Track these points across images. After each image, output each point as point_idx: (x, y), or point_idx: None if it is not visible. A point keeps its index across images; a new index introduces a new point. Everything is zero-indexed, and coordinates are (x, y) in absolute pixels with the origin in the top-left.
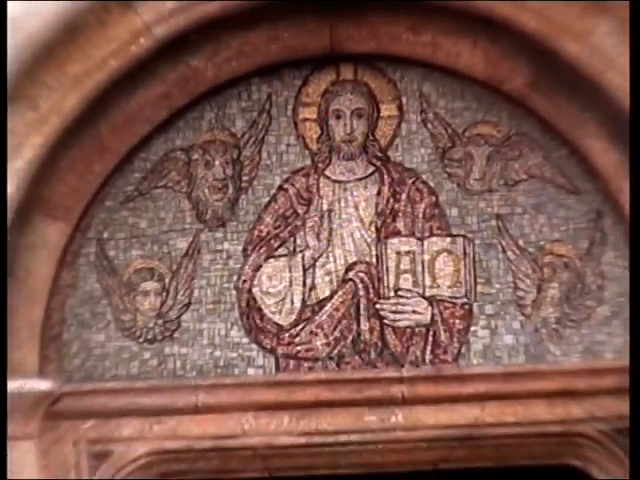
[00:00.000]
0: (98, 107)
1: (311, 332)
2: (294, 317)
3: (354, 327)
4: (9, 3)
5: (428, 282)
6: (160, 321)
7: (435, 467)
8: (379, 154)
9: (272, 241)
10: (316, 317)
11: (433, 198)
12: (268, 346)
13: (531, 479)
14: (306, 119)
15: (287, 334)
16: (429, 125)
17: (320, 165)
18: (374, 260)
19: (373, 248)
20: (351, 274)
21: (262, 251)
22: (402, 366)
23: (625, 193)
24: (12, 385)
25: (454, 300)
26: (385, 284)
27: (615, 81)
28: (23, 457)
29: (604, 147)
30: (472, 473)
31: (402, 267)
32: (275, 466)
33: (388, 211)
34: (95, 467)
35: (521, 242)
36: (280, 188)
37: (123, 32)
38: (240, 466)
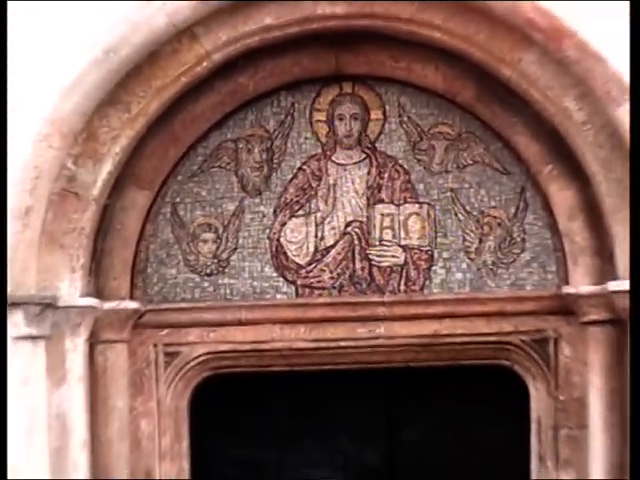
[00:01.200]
0: (172, 110)
1: (320, 269)
2: (309, 259)
3: (351, 266)
4: (106, 35)
5: (403, 235)
6: (215, 260)
7: (406, 364)
8: (369, 145)
9: (294, 206)
10: (324, 259)
11: (406, 176)
12: (290, 279)
13: (474, 375)
14: (318, 120)
15: (304, 270)
16: (404, 125)
17: (328, 153)
18: (365, 219)
19: (364, 211)
20: (349, 229)
21: (287, 212)
22: (384, 294)
23: (542, 174)
24: (109, 305)
25: (421, 248)
26: (373, 236)
27: (535, 96)
28: (117, 355)
29: (527, 142)
30: (433, 371)
31: (384, 224)
32: (294, 362)
33: (375, 185)
34: (168, 362)
35: (468, 208)
36: (300, 169)
37: (190, 57)
38: (270, 362)
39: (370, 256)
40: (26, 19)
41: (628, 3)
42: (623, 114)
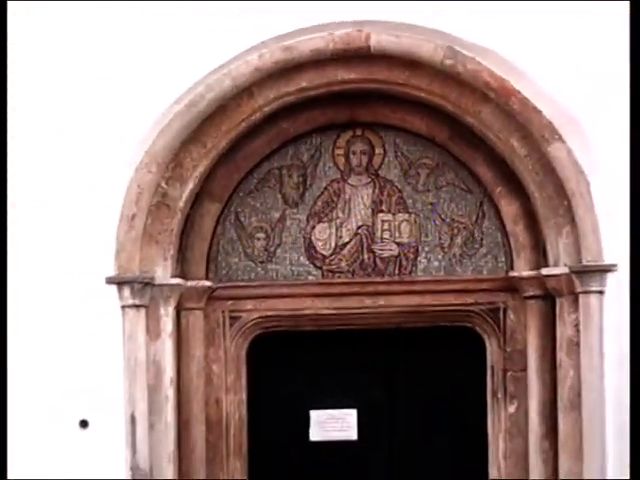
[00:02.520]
0: (235, 146)
1: (339, 259)
2: (331, 251)
3: (360, 257)
4: (188, 93)
5: (397, 235)
6: (265, 252)
7: (399, 326)
8: (373, 172)
9: (321, 214)
10: (342, 251)
11: (400, 194)
12: (318, 265)
13: (446, 334)
14: (338, 154)
15: (327, 260)
16: (398, 158)
17: (345, 177)
18: (371, 224)
19: (370, 218)
20: (359, 231)
21: (316, 219)
22: (383, 276)
23: (495, 193)
24: (191, 283)
25: (409, 244)
26: (376, 235)
27: (491, 137)
28: (196, 319)
29: (485, 170)
30: (418, 331)
31: (384, 228)
32: (320, 324)
33: (377, 200)
34: (231, 324)
35: (442, 216)
36: (325, 188)
37: (248, 109)
38: (302, 324)
39: (374, 250)
40: (122, 70)
41: (557, 68)
42: (553, 150)
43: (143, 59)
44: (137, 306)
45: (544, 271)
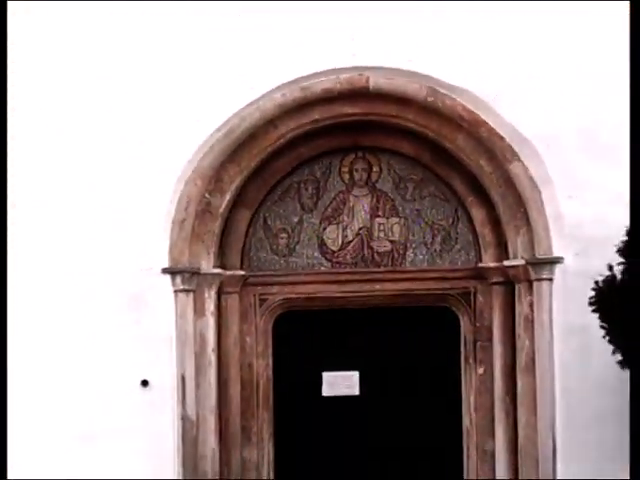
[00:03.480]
0: (263, 166)
1: (345, 253)
2: (338, 247)
3: (361, 252)
4: (226, 123)
5: (390, 234)
6: (287, 248)
7: (391, 306)
8: (371, 186)
9: (330, 218)
10: (347, 247)
11: (392, 202)
12: (328, 259)
13: (429, 313)
14: (344, 172)
15: (335, 254)
16: (391, 175)
17: (349, 189)
18: (369, 226)
19: (369, 222)
20: (360, 231)
21: (326, 222)
22: (380, 267)
23: (467, 202)
24: (229, 272)
25: (400, 242)
26: (373, 235)
27: (464, 158)
28: (233, 300)
29: (459, 183)
30: (407, 309)
31: (380, 229)
32: (329, 304)
33: (375, 207)
34: (260, 305)
35: (426, 220)
36: (333, 198)
37: (274, 137)
38: (316, 305)
39: (372, 246)
40: (161, 102)
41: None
42: (512, 168)
43: (191, 95)
44: (186, 291)
45: (506, 263)
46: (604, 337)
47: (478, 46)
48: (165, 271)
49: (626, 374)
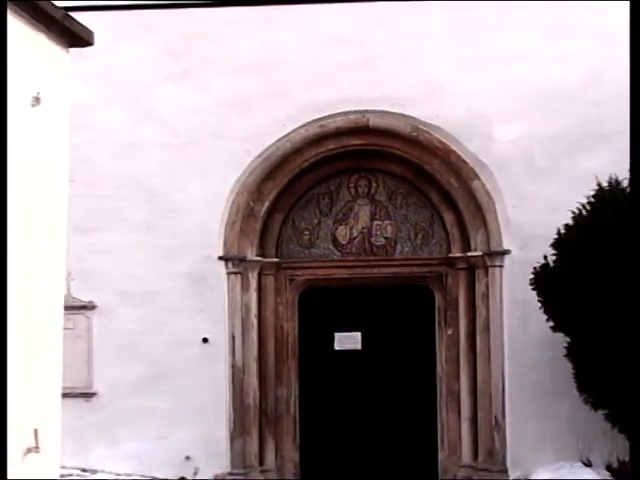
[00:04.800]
0: (293, 182)
1: (351, 246)
2: (346, 242)
3: (363, 244)
4: (264, 152)
5: (384, 233)
6: (309, 242)
7: (385, 285)
8: (371, 197)
9: (341, 220)
10: (353, 242)
11: (386, 209)
12: (339, 250)
13: (412, 289)
14: (351, 187)
15: (344, 246)
16: (385, 189)
17: (355, 200)
18: (369, 226)
19: (369, 223)
20: (363, 230)
21: (338, 224)
22: (377, 256)
23: (440, 209)
24: (267, 260)
25: (391, 238)
26: (372, 233)
27: (439, 177)
28: (270, 280)
29: (435, 195)
30: (395, 287)
31: (377, 228)
32: (340, 284)
33: (373, 213)
34: (289, 283)
35: (411, 221)
36: (343, 206)
37: (300, 160)
38: (330, 284)
39: (371, 241)
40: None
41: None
42: (473, 185)
43: (243, 133)
44: (235, 273)
45: (468, 254)
46: (540, 308)
47: (449, 96)
48: (220, 258)
49: (556, 334)
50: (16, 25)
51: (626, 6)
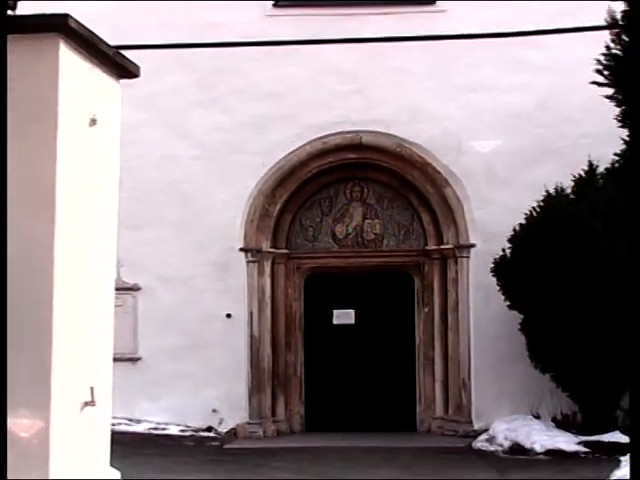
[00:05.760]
0: (300, 189)
1: (347, 240)
2: (343, 236)
3: (357, 239)
4: (275, 165)
5: (374, 229)
6: (312, 237)
7: (374, 272)
8: (363, 201)
9: (339, 220)
10: (348, 237)
11: (375, 210)
12: (338, 243)
13: (397, 276)
14: (347, 193)
15: (341, 241)
16: (375, 194)
17: (350, 203)
18: (361, 224)
19: (361, 222)
20: (356, 228)
21: (336, 222)
22: (367, 248)
23: (419, 210)
24: (279, 251)
25: (380, 234)
26: (364, 229)
27: (418, 185)
28: (280, 268)
29: (415, 199)
30: (382, 274)
31: (368, 225)
32: (338, 271)
33: (365, 213)
34: (297, 270)
35: (396, 220)
36: (340, 208)
37: (305, 172)
38: (331, 271)
39: (363, 236)
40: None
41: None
42: (446, 191)
43: (259, 150)
44: (253, 261)
45: (442, 247)
46: (499, 291)
47: (427, 119)
48: (241, 250)
49: (512, 312)
50: (76, 60)
51: (572, 42)
